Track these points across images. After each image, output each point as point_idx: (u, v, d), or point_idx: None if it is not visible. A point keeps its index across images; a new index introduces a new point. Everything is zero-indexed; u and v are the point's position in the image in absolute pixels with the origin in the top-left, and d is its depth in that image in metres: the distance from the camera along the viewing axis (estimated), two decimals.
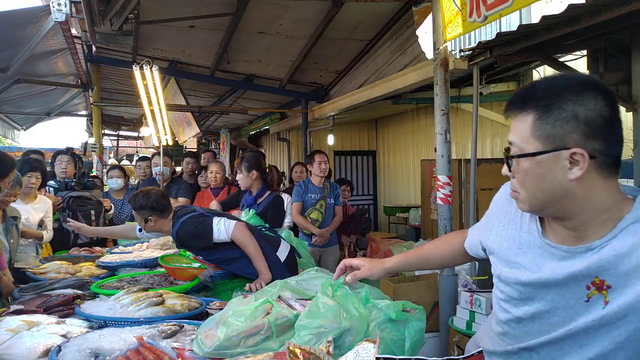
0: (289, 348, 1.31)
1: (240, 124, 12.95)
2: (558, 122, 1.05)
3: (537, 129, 1.07)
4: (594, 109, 1.04)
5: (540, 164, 1.08)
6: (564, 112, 1.05)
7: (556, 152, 1.05)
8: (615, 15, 2.87)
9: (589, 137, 1.04)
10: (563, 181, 1.07)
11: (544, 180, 1.09)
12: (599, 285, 1.09)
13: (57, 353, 1.58)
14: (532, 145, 1.09)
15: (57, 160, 4.70)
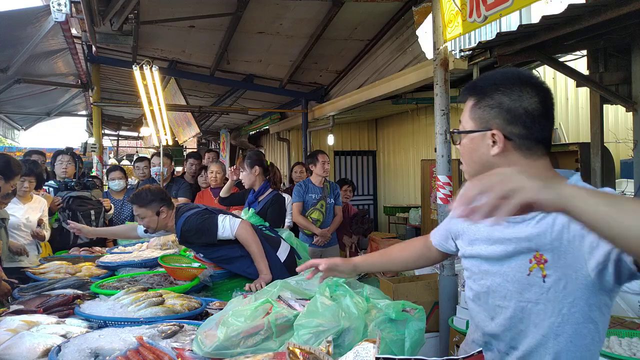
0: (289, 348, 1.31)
1: (240, 124, 12.94)
2: (486, 108, 1.26)
3: (473, 112, 1.29)
4: (518, 100, 1.23)
5: (472, 140, 1.30)
6: (492, 101, 1.25)
7: (482, 132, 1.27)
8: (615, 15, 2.87)
9: (509, 123, 1.24)
10: (487, 155, 1.27)
11: (475, 153, 1.30)
12: (539, 259, 1.23)
13: (57, 353, 1.58)
14: (469, 125, 1.30)
15: (58, 161, 4.70)
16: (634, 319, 3.02)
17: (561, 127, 6.44)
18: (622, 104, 4.25)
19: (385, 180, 9.95)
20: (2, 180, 2.96)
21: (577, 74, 4.44)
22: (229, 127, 13.26)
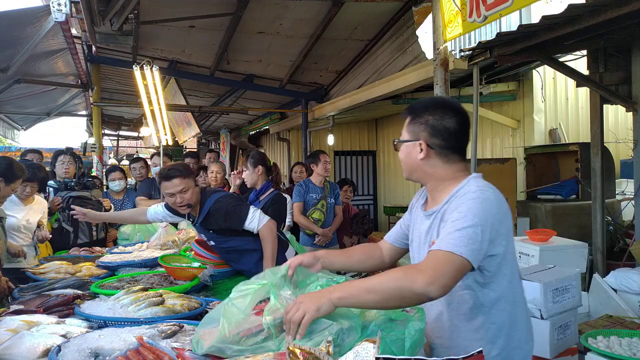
0: (289, 348, 1.31)
1: (240, 124, 12.95)
2: (417, 124, 1.67)
3: (409, 127, 1.70)
4: (440, 119, 1.64)
5: (407, 147, 1.70)
6: (421, 119, 1.66)
7: (413, 142, 1.68)
8: (615, 15, 2.87)
9: (431, 136, 1.64)
10: (417, 159, 1.68)
11: (409, 157, 1.70)
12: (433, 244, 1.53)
13: (57, 353, 1.57)
14: (405, 136, 1.71)
15: (59, 161, 4.69)
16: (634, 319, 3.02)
17: (561, 127, 6.44)
18: (622, 104, 4.25)
19: (385, 180, 9.95)
20: (3, 183, 2.96)
21: (577, 74, 4.44)
22: (229, 127, 13.27)
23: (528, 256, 3.45)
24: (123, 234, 4.44)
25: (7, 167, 2.97)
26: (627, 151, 5.26)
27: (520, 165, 5.99)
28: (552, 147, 6.05)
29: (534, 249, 3.41)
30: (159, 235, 3.71)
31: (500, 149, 6.75)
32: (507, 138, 6.65)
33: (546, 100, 6.34)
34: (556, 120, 6.48)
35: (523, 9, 4.19)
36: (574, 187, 5.54)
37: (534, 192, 5.92)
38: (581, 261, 3.59)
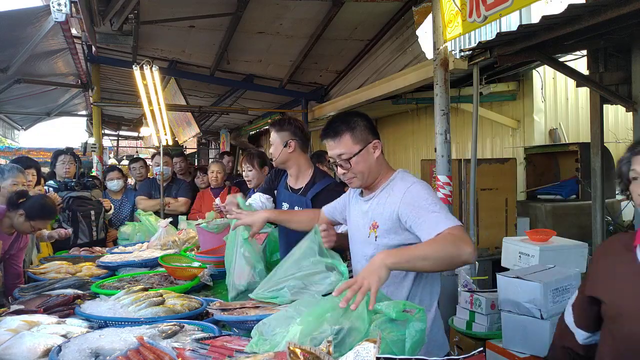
0: (289, 348, 1.31)
1: (240, 124, 12.94)
2: (358, 132, 1.94)
3: (354, 139, 1.94)
4: (365, 120, 2.00)
5: (362, 155, 1.93)
6: (359, 126, 1.96)
7: (368, 145, 1.96)
8: (615, 15, 2.87)
9: (373, 134, 1.99)
10: (374, 160, 1.96)
11: (367, 162, 1.94)
12: (374, 225, 1.94)
13: (58, 353, 1.58)
14: (354, 148, 1.92)
15: (59, 161, 4.69)
16: None
17: (561, 127, 6.44)
18: (622, 104, 4.25)
19: None
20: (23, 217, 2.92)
21: (577, 74, 4.44)
22: (229, 127, 13.26)
23: (528, 256, 3.45)
24: (123, 234, 4.45)
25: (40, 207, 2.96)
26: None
27: (520, 165, 5.99)
28: (552, 147, 6.05)
29: (534, 249, 3.41)
30: (159, 235, 3.71)
31: (500, 149, 6.75)
32: (507, 138, 6.65)
33: (546, 100, 6.34)
34: (556, 120, 6.48)
35: (523, 9, 4.19)
36: (574, 187, 5.53)
37: (534, 192, 5.92)
38: (581, 261, 3.59)
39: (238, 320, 1.83)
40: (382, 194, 1.96)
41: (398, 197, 1.88)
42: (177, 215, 4.87)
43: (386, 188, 1.96)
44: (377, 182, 2.00)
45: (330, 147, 1.97)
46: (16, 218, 2.90)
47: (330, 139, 1.95)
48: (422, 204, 1.81)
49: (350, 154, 1.92)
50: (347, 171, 1.94)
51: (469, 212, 4.19)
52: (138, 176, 5.57)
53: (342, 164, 1.93)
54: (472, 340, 3.01)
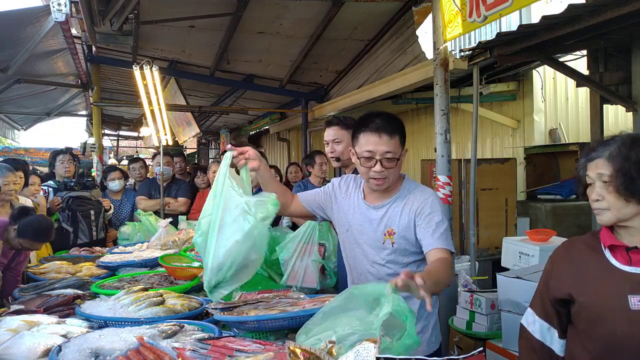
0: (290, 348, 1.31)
1: (240, 124, 12.95)
2: (404, 137, 1.99)
3: (401, 142, 1.98)
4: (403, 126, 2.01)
5: (401, 160, 1.99)
6: (404, 132, 1.99)
7: (403, 150, 2.00)
8: (615, 15, 2.87)
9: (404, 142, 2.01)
10: (400, 167, 2.01)
11: (399, 168, 2.01)
12: (389, 232, 2.00)
13: (58, 353, 1.58)
14: (400, 150, 1.98)
15: (58, 161, 4.68)
16: None
17: (561, 127, 6.44)
18: (622, 104, 4.25)
19: None
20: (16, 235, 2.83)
21: (577, 74, 4.43)
22: (229, 127, 13.27)
23: (528, 256, 3.45)
24: (123, 234, 4.44)
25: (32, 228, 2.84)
26: None
27: (520, 165, 5.99)
28: (552, 147, 6.05)
29: (534, 249, 3.41)
30: (159, 235, 3.71)
31: (500, 149, 6.75)
32: (507, 138, 6.65)
33: (546, 100, 6.34)
34: (556, 120, 6.48)
35: (523, 9, 4.19)
36: (574, 187, 5.53)
37: (534, 192, 5.91)
38: None
39: (238, 321, 1.82)
40: (398, 202, 2.02)
41: (417, 205, 1.98)
42: (177, 215, 4.87)
43: (401, 197, 2.03)
44: (392, 188, 2.05)
45: (376, 142, 1.92)
46: (10, 231, 2.83)
47: (386, 135, 1.92)
48: (435, 217, 1.95)
49: (397, 155, 1.95)
50: (384, 170, 1.94)
51: (469, 212, 4.19)
52: (137, 176, 5.57)
53: (385, 163, 1.93)
54: (472, 340, 3.01)
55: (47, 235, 2.92)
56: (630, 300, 1.48)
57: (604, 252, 1.58)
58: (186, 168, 6.01)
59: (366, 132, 1.95)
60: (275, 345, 1.64)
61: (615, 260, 1.55)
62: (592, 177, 1.53)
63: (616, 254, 1.56)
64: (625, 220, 1.52)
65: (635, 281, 1.49)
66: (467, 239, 4.36)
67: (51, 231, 2.94)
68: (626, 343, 1.48)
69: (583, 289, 1.58)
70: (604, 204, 1.51)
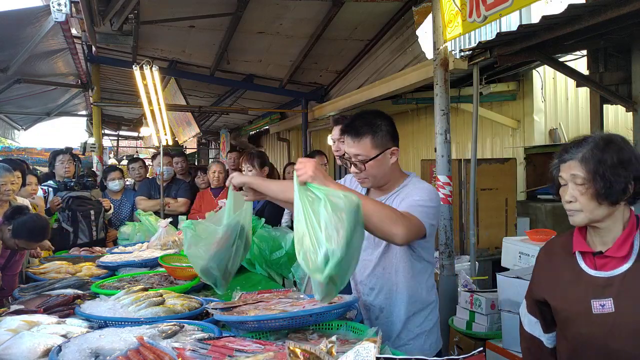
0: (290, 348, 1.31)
1: (240, 124, 12.95)
2: (380, 137, 1.93)
3: (374, 143, 1.93)
4: (389, 125, 1.97)
5: (379, 160, 1.94)
6: (382, 131, 1.94)
7: (386, 151, 1.95)
8: (615, 15, 2.87)
9: (394, 140, 1.98)
10: (389, 165, 1.98)
11: (381, 166, 1.96)
12: None
13: (57, 353, 1.57)
14: (373, 152, 1.93)
15: (58, 161, 4.68)
16: None
17: (561, 127, 6.44)
18: (622, 104, 4.25)
19: None
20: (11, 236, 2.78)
21: (577, 74, 4.44)
22: (229, 127, 13.27)
23: (528, 256, 3.45)
24: (123, 234, 4.44)
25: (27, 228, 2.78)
26: None
27: (520, 165, 5.99)
28: (552, 147, 6.04)
29: (534, 249, 3.41)
30: (159, 235, 3.71)
31: (500, 149, 6.75)
32: (507, 138, 6.65)
33: (546, 100, 6.34)
34: (556, 120, 6.48)
35: (523, 9, 4.19)
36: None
37: (534, 192, 5.92)
38: None
39: (238, 321, 1.82)
40: (393, 196, 2.00)
41: (407, 196, 1.94)
42: (177, 215, 4.87)
43: (398, 192, 2.00)
44: (389, 185, 2.03)
45: (348, 144, 1.96)
46: (5, 232, 2.79)
47: (350, 138, 1.94)
48: (416, 197, 1.90)
49: (367, 158, 1.93)
50: (360, 172, 1.96)
51: (469, 212, 4.19)
52: (137, 176, 5.56)
53: (358, 164, 1.95)
54: (472, 340, 3.02)
55: (43, 234, 2.87)
56: (592, 304, 1.54)
57: (575, 255, 1.64)
58: (187, 168, 6.02)
59: (342, 133, 2.03)
60: (275, 345, 1.64)
61: (584, 265, 1.60)
62: (565, 178, 1.55)
63: (585, 258, 1.61)
64: (597, 222, 1.55)
65: (598, 285, 1.55)
66: (467, 239, 4.36)
67: (47, 230, 2.90)
68: (590, 343, 1.56)
69: (555, 294, 1.65)
70: (576, 205, 1.54)
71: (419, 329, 2.05)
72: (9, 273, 2.97)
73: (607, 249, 1.55)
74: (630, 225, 1.54)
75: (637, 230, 1.55)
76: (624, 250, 1.52)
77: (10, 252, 2.92)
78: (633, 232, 1.54)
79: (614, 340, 1.50)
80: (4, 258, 2.91)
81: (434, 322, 2.12)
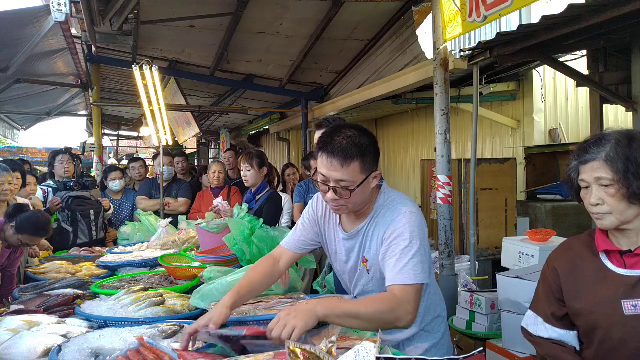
0: (290, 348, 1.31)
1: (240, 124, 12.95)
2: (370, 159, 1.71)
3: (362, 168, 1.69)
4: (375, 145, 1.75)
5: (364, 186, 1.71)
6: (370, 153, 1.71)
7: (369, 176, 1.72)
8: (615, 15, 2.87)
9: (376, 162, 1.76)
10: (369, 190, 1.76)
11: (365, 193, 1.74)
12: (364, 259, 1.83)
13: (58, 353, 1.57)
14: (360, 177, 1.69)
15: (58, 161, 4.68)
16: None
17: (561, 127, 6.44)
18: (622, 104, 4.25)
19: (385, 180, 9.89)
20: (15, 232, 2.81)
21: (577, 74, 4.44)
22: (229, 127, 13.27)
23: (528, 256, 3.45)
24: (123, 234, 4.44)
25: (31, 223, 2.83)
26: None
27: (520, 165, 5.99)
28: (552, 147, 6.05)
29: (534, 249, 3.41)
30: (159, 235, 3.71)
31: (500, 149, 6.75)
32: (507, 138, 6.65)
33: (546, 100, 6.34)
34: (556, 120, 6.48)
35: (523, 9, 4.19)
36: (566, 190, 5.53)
37: (534, 192, 5.92)
38: None
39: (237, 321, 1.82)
40: (370, 226, 1.80)
41: (383, 230, 1.74)
42: (177, 215, 4.87)
43: (374, 217, 1.80)
44: (364, 210, 1.82)
45: (329, 167, 1.65)
46: (8, 229, 2.82)
47: (337, 162, 1.64)
48: (401, 242, 1.68)
49: (354, 184, 1.67)
50: (340, 198, 1.69)
51: (469, 212, 4.19)
52: (137, 176, 5.57)
53: (341, 191, 1.67)
54: (472, 340, 3.02)
55: (46, 229, 2.92)
56: (624, 305, 1.45)
57: (599, 255, 1.56)
58: (188, 168, 6.02)
59: (322, 153, 1.68)
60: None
61: (611, 264, 1.52)
62: (589, 180, 1.45)
63: (611, 258, 1.53)
64: (627, 223, 1.46)
65: (629, 285, 1.46)
66: (467, 239, 4.36)
67: (49, 225, 2.95)
68: (622, 347, 1.46)
69: (580, 296, 1.55)
70: (605, 208, 1.45)
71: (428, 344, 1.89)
72: (9, 271, 2.99)
73: (638, 247, 1.46)
74: None
75: None
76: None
77: (11, 251, 2.95)
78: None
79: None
80: (4, 258, 2.92)
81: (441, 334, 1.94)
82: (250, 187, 3.91)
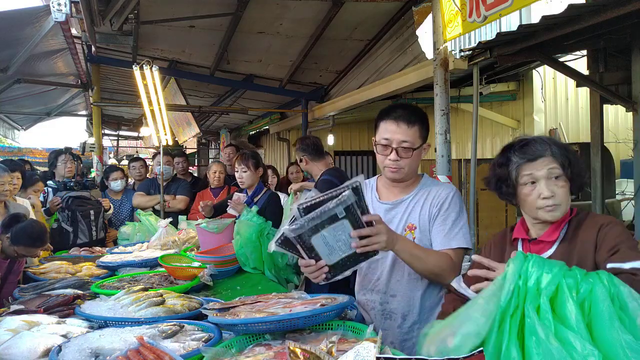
0: (290, 347, 1.31)
1: (240, 124, 12.95)
2: (425, 129, 1.97)
3: (420, 134, 1.95)
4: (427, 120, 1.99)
5: (419, 152, 1.97)
6: (427, 124, 1.98)
7: (424, 145, 1.98)
8: (615, 15, 2.87)
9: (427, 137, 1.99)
10: (420, 158, 2.00)
11: (418, 159, 1.98)
12: (410, 227, 2.00)
13: (58, 353, 1.57)
14: (419, 141, 1.95)
15: (60, 161, 4.68)
16: None
17: (561, 127, 6.45)
18: (622, 104, 4.25)
19: None
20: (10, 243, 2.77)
21: (577, 74, 4.44)
22: (229, 127, 13.27)
23: None
24: (123, 234, 4.44)
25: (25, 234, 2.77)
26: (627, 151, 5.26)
27: None
28: None
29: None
30: (159, 235, 3.71)
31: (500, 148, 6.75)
32: (507, 138, 6.65)
33: (546, 100, 6.34)
34: (556, 120, 6.49)
35: (523, 9, 4.19)
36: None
37: None
38: None
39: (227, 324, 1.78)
40: (419, 196, 2.01)
41: (437, 201, 1.98)
42: (177, 214, 4.87)
43: (421, 191, 2.02)
44: (410, 183, 2.04)
45: (394, 130, 1.91)
46: (4, 240, 2.77)
47: (404, 124, 1.91)
48: (451, 214, 1.97)
49: (413, 146, 1.92)
50: (399, 159, 1.93)
51: (469, 212, 4.19)
52: (137, 176, 5.57)
53: (401, 152, 1.92)
54: None
55: (42, 239, 2.87)
56: None
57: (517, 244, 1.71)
58: (188, 168, 6.02)
59: (386, 121, 1.95)
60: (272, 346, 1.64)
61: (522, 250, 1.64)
62: (539, 175, 1.56)
63: (524, 246, 1.69)
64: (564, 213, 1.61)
65: None
66: None
67: (45, 235, 2.89)
68: None
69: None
70: (557, 199, 1.56)
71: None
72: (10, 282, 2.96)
73: (540, 236, 1.62)
74: (568, 212, 1.61)
75: (569, 217, 1.60)
76: (554, 235, 1.59)
77: (10, 262, 2.90)
78: (566, 218, 1.60)
79: None
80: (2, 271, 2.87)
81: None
82: (246, 188, 3.86)
